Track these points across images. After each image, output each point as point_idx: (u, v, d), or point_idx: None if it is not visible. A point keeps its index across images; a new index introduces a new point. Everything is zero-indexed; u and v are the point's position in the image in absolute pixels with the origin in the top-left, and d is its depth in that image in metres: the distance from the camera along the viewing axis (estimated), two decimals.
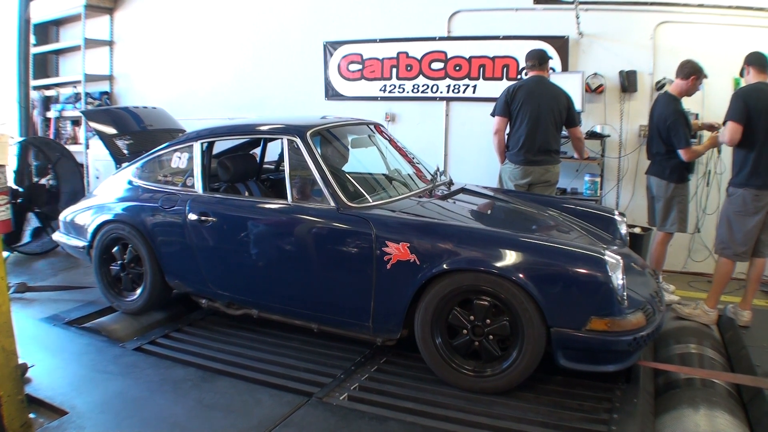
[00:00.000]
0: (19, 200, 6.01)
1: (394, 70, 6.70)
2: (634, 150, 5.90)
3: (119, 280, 4.45)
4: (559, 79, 5.40)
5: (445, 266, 3.19)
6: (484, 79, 6.34)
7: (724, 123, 4.21)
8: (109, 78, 8.36)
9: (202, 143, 4.19)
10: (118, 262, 4.41)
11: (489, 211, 4.26)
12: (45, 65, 8.74)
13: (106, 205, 4.48)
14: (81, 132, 8.20)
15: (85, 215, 4.61)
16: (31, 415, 2.93)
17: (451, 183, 4.54)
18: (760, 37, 5.26)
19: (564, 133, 5.14)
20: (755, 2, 5.33)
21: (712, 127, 4.94)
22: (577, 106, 5.31)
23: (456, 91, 6.47)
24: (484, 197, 4.47)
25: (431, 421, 3.00)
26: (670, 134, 4.53)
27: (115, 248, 4.41)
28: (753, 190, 4.11)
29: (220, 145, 4.58)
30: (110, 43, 8.29)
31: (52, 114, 8.51)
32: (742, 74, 4.29)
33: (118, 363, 3.62)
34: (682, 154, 4.52)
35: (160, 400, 3.16)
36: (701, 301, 4.38)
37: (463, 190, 4.41)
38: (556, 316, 3.04)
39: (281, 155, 4.01)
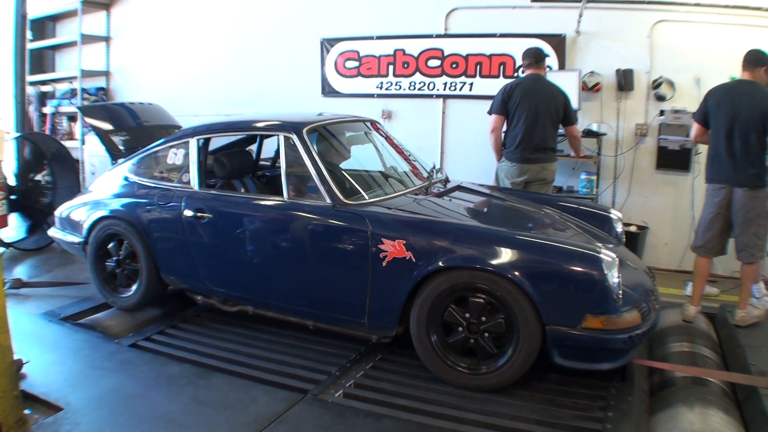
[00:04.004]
0: (13, 196, 6.00)
1: (391, 67, 6.68)
2: (631, 148, 5.90)
3: (115, 277, 4.44)
4: (555, 77, 5.39)
5: (440, 264, 3.19)
6: (481, 76, 6.34)
7: None
8: (106, 74, 8.34)
9: (198, 139, 4.17)
10: (114, 259, 4.40)
11: (485, 209, 4.26)
12: (41, 61, 8.71)
13: (101, 201, 4.47)
14: (77, 128, 8.18)
15: (80, 211, 4.59)
16: (26, 411, 2.93)
17: (447, 180, 4.54)
18: (757, 36, 5.26)
19: (561, 131, 5.14)
20: (751, 2, 5.34)
21: None
22: (574, 104, 5.31)
23: (453, 88, 6.46)
24: (481, 195, 4.47)
25: (426, 419, 3.00)
26: None
27: (111, 244, 4.40)
28: (711, 185, 4.23)
29: (217, 142, 4.56)
30: (107, 39, 8.26)
31: (48, 110, 8.48)
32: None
33: (113, 359, 3.61)
34: None
35: (155, 396, 3.16)
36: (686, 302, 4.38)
37: (460, 188, 4.41)
38: (551, 313, 3.04)
39: (277, 152, 4.01)
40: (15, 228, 6.23)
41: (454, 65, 6.41)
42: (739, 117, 4.02)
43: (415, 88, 6.62)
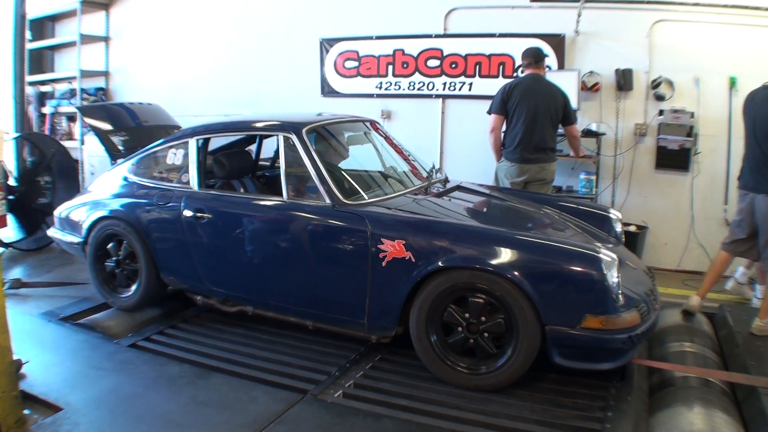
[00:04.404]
0: (13, 196, 5.99)
1: (390, 67, 6.68)
2: (630, 148, 5.90)
3: (114, 277, 4.44)
4: (555, 77, 5.39)
5: (440, 264, 3.19)
6: (480, 76, 6.34)
7: None
8: (105, 74, 8.34)
9: (197, 140, 4.17)
10: (113, 259, 4.39)
11: (484, 209, 4.26)
12: (40, 61, 8.70)
13: (101, 201, 4.46)
14: (76, 128, 8.18)
15: (80, 211, 4.59)
16: (26, 412, 2.93)
17: (446, 180, 4.54)
18: (756, 36, 5.28)
19: (560, 131, 5.14)
20: (751, 2, 5.34)
21: None
22: (573, 104, 5.31)
23: (452, 88, 6.46)
24: (480, 195, 4.47)
25: (426, 419, 3.00)
26: None
27: (110, 244, 4.40)
28: (738, 190, 4.21)
29: (216, 142, 4.57)
30: (106, 39, 8.26)
31: (47, 110, 8.48)
32: None
33: (112, 359, 3.61)
34: None
35: (155, 396, 3.16)
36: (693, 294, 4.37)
37: (459, 188, 4.41)
38: (551, 313, 3.04)
39: (277, 152, 4.02)
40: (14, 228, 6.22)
41: (454, 65, 6.41)
42: (756, 122, 3.97)
43: (414, 88, 6.62)
